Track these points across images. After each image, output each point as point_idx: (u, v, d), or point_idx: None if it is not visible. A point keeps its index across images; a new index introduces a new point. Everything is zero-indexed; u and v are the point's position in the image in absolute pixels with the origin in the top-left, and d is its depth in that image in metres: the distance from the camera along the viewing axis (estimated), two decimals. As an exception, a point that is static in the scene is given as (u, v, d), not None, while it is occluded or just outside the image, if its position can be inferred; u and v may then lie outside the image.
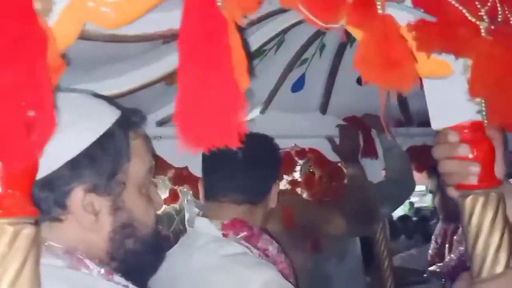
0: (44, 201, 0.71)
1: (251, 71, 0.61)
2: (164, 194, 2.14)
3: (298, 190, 2.40)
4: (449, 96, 0.86)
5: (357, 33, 0.72)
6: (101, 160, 0.74)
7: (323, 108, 2.33)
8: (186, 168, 1.98)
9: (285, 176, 2.36)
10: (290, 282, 1.23)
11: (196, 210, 1.58)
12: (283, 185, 2.37)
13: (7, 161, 0.49)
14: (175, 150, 1.30)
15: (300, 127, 2.38)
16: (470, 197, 0.84)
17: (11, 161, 0.49)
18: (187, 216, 2.21)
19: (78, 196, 0.73)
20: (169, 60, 1.61)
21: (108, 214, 0.76)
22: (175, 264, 1.25)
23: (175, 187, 2.08)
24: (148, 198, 0.83)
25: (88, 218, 0.74)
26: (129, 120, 0.80)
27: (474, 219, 0.83)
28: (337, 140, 2.31)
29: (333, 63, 2.11)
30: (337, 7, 0.67)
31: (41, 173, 0.70)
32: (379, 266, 2.60)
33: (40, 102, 0.49)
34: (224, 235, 1.20)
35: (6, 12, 0.45)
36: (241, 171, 1.29)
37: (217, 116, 0.57)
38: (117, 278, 0.74)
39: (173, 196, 2.15)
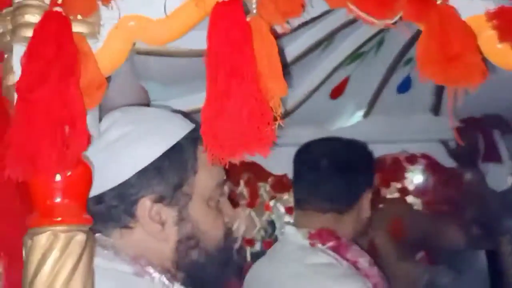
0: (115, 209, 0.76)
1: (288, 78, 0.58)
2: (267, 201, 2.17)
3: (409, 199, 2.23)
4: None
5: (421, 27, 0.65)
6: (168, 172, 0.77)
7: (436, 109, 2.14)
8: (285, 175, 1.98)
9: (393, 184, 2.22)
10: None
11: (286, 218, 1.56)
12: (391, 193, 2.24)
13: (43, 171, 0.54)
14: (274, 158, 1.31)
15: (410, 130, 2.22)
16: None
17: (46, 172, 0.53)
18: (277, 224, 2.22)
19: (145, 205, 0.77)
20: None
21: (174, 224, 0.79)
22: (263, 272, 1.25)
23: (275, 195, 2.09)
24: (217, 211, 0.84)
25: (154, 227, 0.77)
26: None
27: None
28: (452, 144, 2.11)
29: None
30: (391, 1, 0.61)
31: (114, 183, 0.76)
32: (509, 283, 2.29)
33: (72, 118, 0.53)
34: (311, 244, 1.17)
35: (44, 35, 0.49)
36: (325, 178, 1.26)
37: (241, 125, 0.56)
38: (177, 287, 0.76)
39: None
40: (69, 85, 0.52)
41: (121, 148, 0.76)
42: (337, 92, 2.07)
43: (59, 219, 0.60)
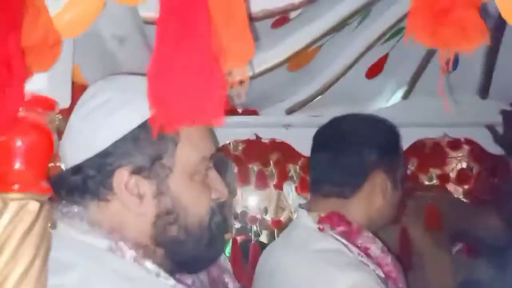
0: (92, 180, 0.73)
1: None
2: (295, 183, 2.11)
3: (449, 186, 2.08)
4: None
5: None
6: (146, 142, 0.73)
7: (483, 92, 1.97)
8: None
9: (432, 170, 2.07)
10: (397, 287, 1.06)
11: (300, 201, 1.50)
12: (430, 180, 2.10)
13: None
14: (305, 139, 1.23)
15: (453, 113, 2.05)
16: None
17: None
18: (291, 208, 2.15)
19: (122, 176, 0.73)
20: (284, 46, 1.55)
21: (152, 198, 0.74)
22: (270, 257, 1.20)
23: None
24: (204, 186, 0.79)
25: (132, 200, 0.73)
26: None
27: None
28: (500, 129, 1.93)
29: (492, 38, 1.76)
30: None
31: (91, 152, 0.73)
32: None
33: (8, 77, 0.49)
34: (320, 229, 1.09)
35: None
36: (327, 160, 1.16)
37: (188, 86, 0.50)
38: (149, 264, 0.72)
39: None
40: (7, 41, 0.49)
41: (100, 117, 0.73)
42: (374, 71, 1.94)
43: (15, 186, 0.57)
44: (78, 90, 0.84)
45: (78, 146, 0.74)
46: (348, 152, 1.14)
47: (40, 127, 0.61)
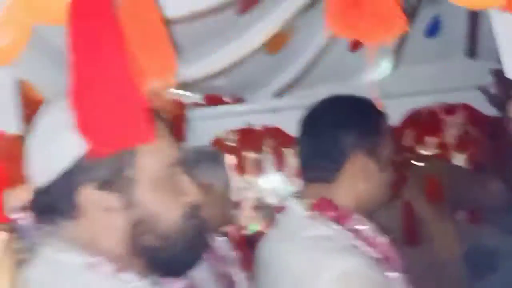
0: (59, 201, 0.71)
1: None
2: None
3: (449, 154, 2.05)
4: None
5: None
6: (104, 157, 0.71)
7: (471, 52, 1.92)
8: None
9: (429, 139, 2.04)
10: (393, 269, 1.03)
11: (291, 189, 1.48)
12: (428, 149, 2.07)
13: None
14: (296, 122, 1.20)
15: (443, 79, 2.01)
16: None
17: None
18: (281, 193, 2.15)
19: (87, 193, 0.71)
20: (254, 31, 1.52)
21: (119, 211, 0.73)
22: (267, 244, 1.18)
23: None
24: (173, 191, 0.76)
25: (100, 215, 0.72)
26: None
27: None
28: (492, 90, 1.88)
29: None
30: None
31: (54, 173, 0.71)
32: None
33: None
34: (311, 216, 1.07)
35: None
36: (308, 145, 1.12)
37: (114, 116, 0.47)
38: (126, 276, 0.71)
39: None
40: None
41: (54, 137, 0.71)
42: (357, 43, 1.90)
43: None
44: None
45: (38, 168, 0.72)
46: (325, 136, 1.10)
47: None
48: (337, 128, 1.06)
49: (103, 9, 0.45)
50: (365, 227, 1.05)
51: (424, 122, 2.03)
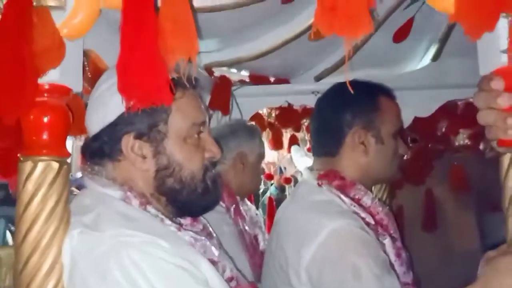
0: (107, 144, 0.93)
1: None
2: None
3: (480, 146, 2.10)
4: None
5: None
6: (143, 114, 0.91)
7: (515, 49, 1.93)
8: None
9: (463, 131, 2.10)
10: (390, 235, 1.18)
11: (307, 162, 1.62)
12: (460, 140, 2.12)
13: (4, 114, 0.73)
14: None
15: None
16: (508, 155, 0.68)
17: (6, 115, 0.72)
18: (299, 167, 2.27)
19: (128, 141, 0.92)
20: (298, 19, 1.67)
21: (152, 157, 0.93)
22: (281, 208, 1.37)
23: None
24: (196, 147, 0.96)
25: (137, 159, 0.92)
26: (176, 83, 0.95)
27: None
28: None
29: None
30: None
31: (104, 123, 0.93)
32: None
33: (23, 73, 0.70)
34: (319, 184, 1.24)
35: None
36: (316, 123, 1.31)
37: (142, 79, 0.67)
38: (151, 209, 0.92)
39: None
40: (20, 47, 0.69)
41: (108, 96, 0.93)
42: (400, 36, 1.97)
43: (43, 151, 0.80)
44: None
45: (95, 119, 0.95)
46: (327, 115, 1.28)
47: (59, 108, 0.81)
48: (336, 107, 1.25)
49: (146, 4, 0.66)
50: (365, 197, 1.21)
51: (460, 113, 2.09)
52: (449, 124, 2.11)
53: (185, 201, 0.95)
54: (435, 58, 2.08)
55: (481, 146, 2.10)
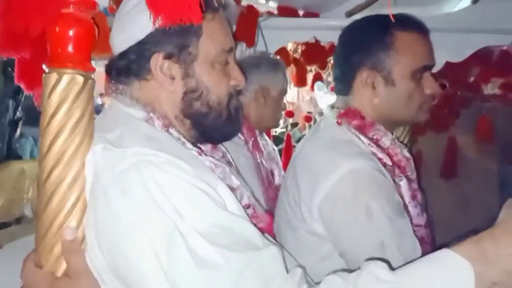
0: (134, 63, 0.91)
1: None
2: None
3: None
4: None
5: None
6: (174, 34, 0.88)
7: None
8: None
9: (495, 80, 2.02)
10: (406, 176, 1.17)
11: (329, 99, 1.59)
12: (491, 89, 2.05)
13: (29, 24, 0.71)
14: None
15: (527, 19, 1.92)
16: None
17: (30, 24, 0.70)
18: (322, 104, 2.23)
19: (157, 60, 0.90)
20: None
21: (181, 78, 0.91)
22: (300, 143, 1.37)
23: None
24: (223, 73, 0.95)
25: (165, 80, 0.91)
26: (207, 3, 0.91)
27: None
28: None
29: None
30: None
31: (132, 41, 0.91)
32: None
33: None
34: (338, 123, 1.22)
35: None
36: (334, 61, 1.28)
37: None
38: (173, 131, 0.91)
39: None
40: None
41: (137, 13, 0.90)
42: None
43: (68, 64, 0.79)
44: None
45: (122, 37, 0.93)
46: (340, 54, 1.25)
47: (84, 21, 0.78)
48: (346, 47, 1.21)
49: None
50: (384, 137, 1.19)
51: (494, 61, 2.00)
52: (481, 71, 2.03)
53: (210, 125, 0.95)
54: (475, 0, 1.97)
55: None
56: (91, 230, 0.80)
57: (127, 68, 0.92)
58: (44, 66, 0.81)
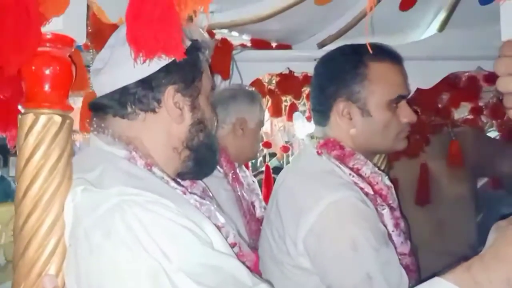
0: (144, 96, 0.91)
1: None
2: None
3: (480, 121, 2.09)
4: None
5: None
6: (185, 69, 0.91)
7: (522, 22, 1.90)
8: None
9: (464, 104, 2.08)
10: (388, 205, 1.17)
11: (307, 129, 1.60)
12: (461, 114, 2.11)
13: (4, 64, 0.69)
14: None
15: (490, 46, 2.00)
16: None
17: (7, 64, 0.68)
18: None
19: (170, 93, 0.91)
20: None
21: (189, 111, 0.94)
22: (280, 176, 1.36)
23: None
24: (212, 107, 1.01)
25: (175, 111, 0.92)
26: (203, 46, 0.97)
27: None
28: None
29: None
30: None
31: (141, 75, 0.90)
32: None
33: (28, 20, 0.65)
34: (318, 153, 1.22)
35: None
36: (311, 92, 1.30)
37: (154, 29, 0.64)
38: (156, 170, 0.90)
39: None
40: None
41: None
42: (407, 3, 1.93)
43: (45, 104, 0.76)
44: (106, 28, 1.01)
45: (123, 70, 0.89)
46: (315, 83, 1.27)
47: (61, 59, 0.77)
48: (322, 78, 1.24)
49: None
50: (364, 167, 1.19)
51: (462, 87, 2.07)
52: (451, 96, 2.09)
53: (209, 157, 0.99)
54: (441, 28, 2.04)
55: (481, 121, 2.10)
56: (71, 275, 0.76)
57: (135, 101, 0.91)
58: (20, 107, 0.78)
